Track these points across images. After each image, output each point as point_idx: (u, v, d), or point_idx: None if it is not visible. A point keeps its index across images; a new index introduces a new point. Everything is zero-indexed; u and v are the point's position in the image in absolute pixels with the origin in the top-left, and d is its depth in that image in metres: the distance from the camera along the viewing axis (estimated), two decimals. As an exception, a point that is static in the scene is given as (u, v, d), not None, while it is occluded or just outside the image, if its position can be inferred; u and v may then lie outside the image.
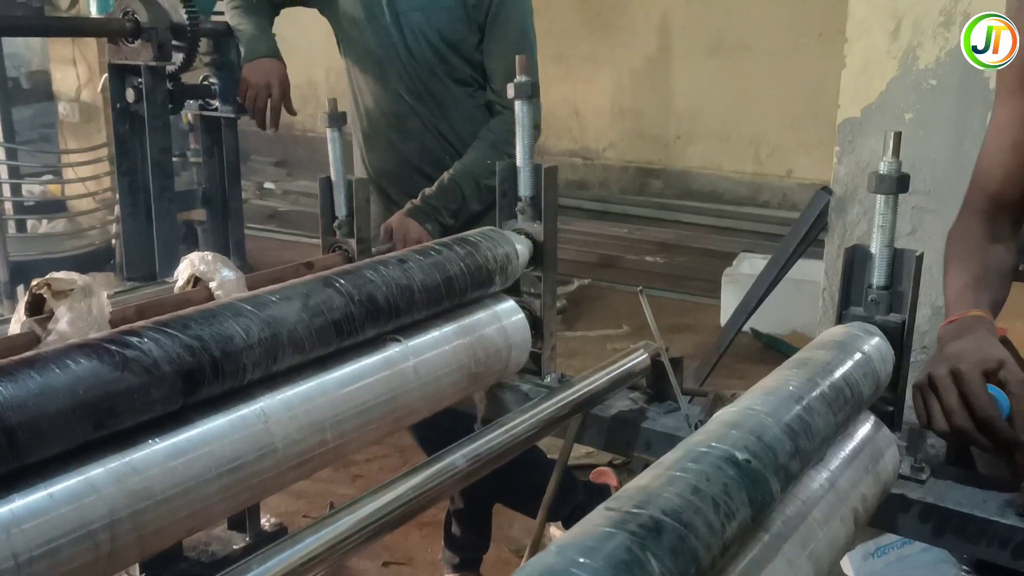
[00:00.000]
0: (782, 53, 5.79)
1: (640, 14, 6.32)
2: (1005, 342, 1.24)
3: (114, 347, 0.84)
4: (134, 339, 0.86)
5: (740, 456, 0.75)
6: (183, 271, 1.38)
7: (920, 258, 1.10)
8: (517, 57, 1.33)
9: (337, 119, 1.58)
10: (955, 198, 2.19)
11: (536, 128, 1.97)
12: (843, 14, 2.35)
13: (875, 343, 1.07)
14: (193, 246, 3.43)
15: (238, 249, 2.16)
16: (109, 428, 0.82)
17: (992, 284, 1.28)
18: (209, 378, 0.89)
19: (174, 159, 2.43)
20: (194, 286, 1.38)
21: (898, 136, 1.08)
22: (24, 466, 0.76)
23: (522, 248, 1.34)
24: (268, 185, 7.27)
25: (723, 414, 0.85)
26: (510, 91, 1.34)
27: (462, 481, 1.07)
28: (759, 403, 0.85)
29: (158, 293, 1.40)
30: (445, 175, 2.05)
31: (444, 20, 2.10)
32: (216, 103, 2.12)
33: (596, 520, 0.65)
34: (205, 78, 2.14)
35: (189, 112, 2.36)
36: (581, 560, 0.60)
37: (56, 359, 0.81)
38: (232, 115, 2.12)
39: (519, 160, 1.37)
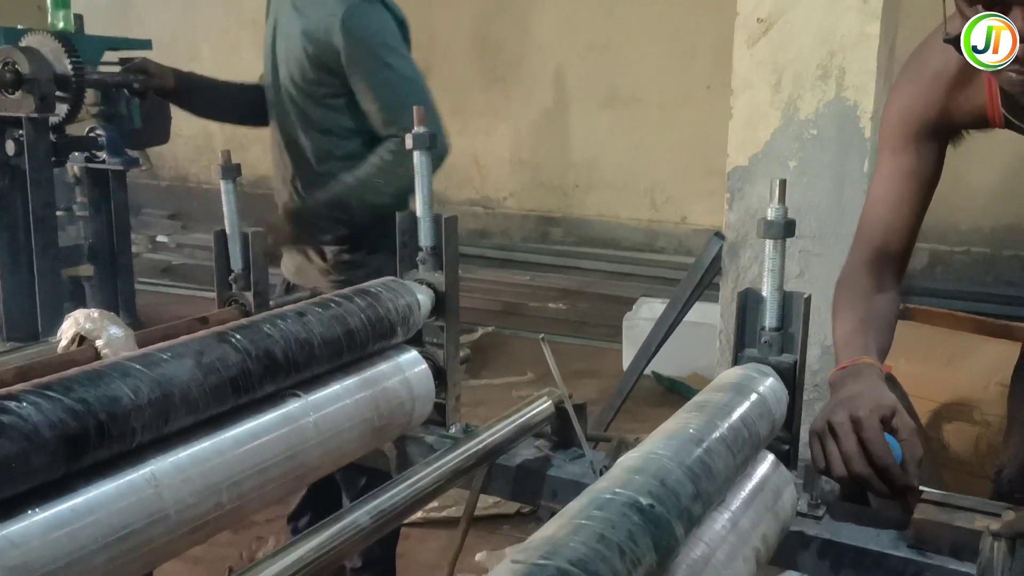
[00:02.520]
0: (673, 105, 6.00)
1: (536, 68, 6.46)
2: (891, 379, 1.30)
3: (-9, 412, 0.79)
4: (12, 404, 0.81)
5: (644, 501, 0.76)
6: (67, 330, 1.32)
7: (808, 300, 1.14)
8: (415, 108, 1.34)
9: (231, 171, 1.55)
10: (838, 242, 2.31)
11: (441, 159, 1.99)
12: (728, 68, 2.45)
13: (770, 383, 1.10)
14: (80, 303, 3.28)
15: (128, 305, 2.08)
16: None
17: (879, 331, 1.33)
18: (94, 443, 0.84)
19: (59, 213, 2.33)
20: (79, 345, 1.32)
21: (783, 183, 1.12)
22: None
23: (424, 298, 1.33)
24: (161, 238, 7.06)
25: (626, 459, 0.86)
26: (408, 142, 1.34)
27: (367, 539, 1.05)
28: (661, 447, 0.86)
29: (40, 354, 1.33)
30: (335, 185, 2.04)
31: (296, 70, 2.09)
32: (104, 155, 2.05)
33: (503, 574, 0.65)
34: (92, 129, 2.07)
35: (75, 164, 2.27)
36: (489, 616, 0.59)
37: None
38: (121, 167, 2.05)
39: (419, 211, 1.37)
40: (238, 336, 1.03)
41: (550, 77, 6.45)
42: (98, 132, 2.09)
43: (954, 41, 1.16)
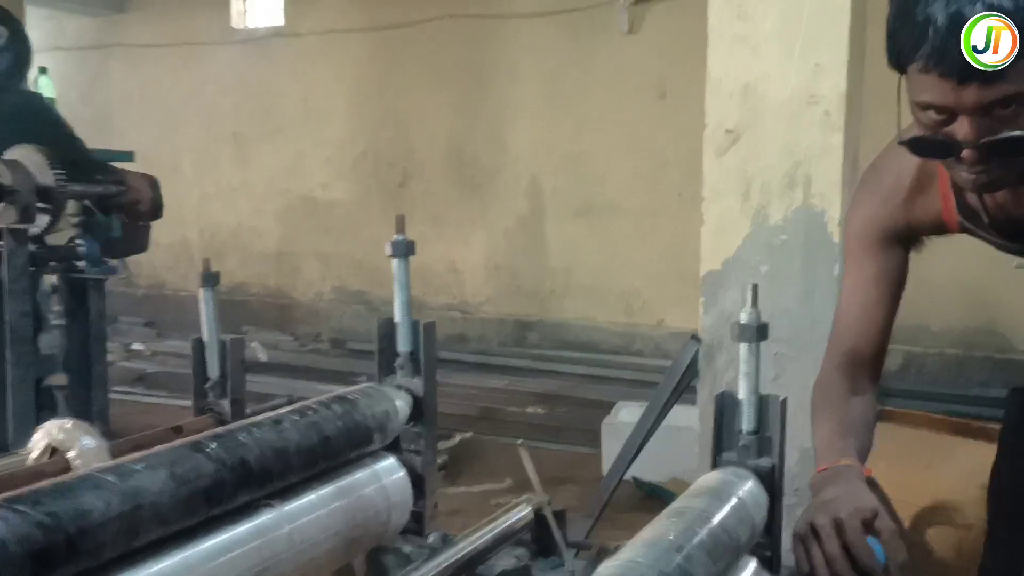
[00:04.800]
0: (645, 213, 6.13)
1: (511, 179, 6.61)
2: (872, 483, 1.30)
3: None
4: (-23, 517, 0.79)
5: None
6: (39, 441, 1.30)
7: (784, 403, 1.15)
8: (396, 217, 1.36)
9: (211, 279, 1.56)
10: (810, 345, 2.34)
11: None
12: (697, 177, 2.53)
13: (749, 487, 1.10)
14: (52, 413, 3.22)
15: (101, 415, 2.05)
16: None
17: (858, 434, 1.34)
18: (63, 558, 0.83)
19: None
20: (51, 457, 1.30)
21: (755, 288, 1.15)
22: None
23: (402, 404, 1.33)
24: (136, 346, 6.99)
25: (605, 569, 0.85)
26: (387, 249, 1.36)
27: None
28: (640, 555, 0.85)
29: (9, 466, 1.30)
30: None
31: None
32: (82, 265, 2.06)
33: None
34: (71, 239, 2.08)
35: (52, 274, 2.27)
36: None
37: None
38: (100, 276, 2.06)
39: (396, 316, 1.38)
40: (212, 445, 1.02)
41: (525, 187, 6.59)
42: (78, 242, 2.10)
43: (909, 143, 1.22)
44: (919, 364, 5.47)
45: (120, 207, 2.07)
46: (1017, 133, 1.11)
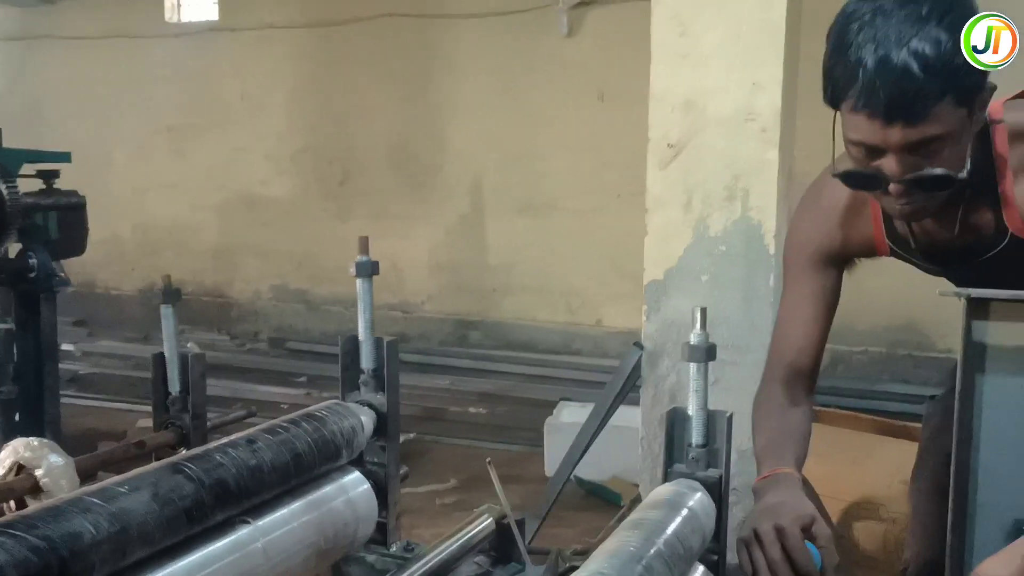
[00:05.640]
0: (586, 212, 6.23)
1: (453, 177, 6.65)
2: (804, 481, 1.40)
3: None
4: (-26, 545, 0.82)
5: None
6: (5, 459, 1.32)
7: (731, 419, 1.23)
8: (359, 239, 1.40)
9: (172, 295, 1.59)
10: (750, 352, 2.44)
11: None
12: (637, 177, 2.60)
13: (698, 498, 1.18)
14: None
15: (53, 427, 2.04)
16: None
17: (795, 443, 1.44)
18: (56, 580, 0.86)
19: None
20: (17, 474, 1.31)
21: (704, 311, 1.23)
22: None
23: (366, 419, 1.38)
24: (66, 347, 6.83)
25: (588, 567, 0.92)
26: (352, 270, 1.41)
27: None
28: (606, 566, 0.92)
29: (-26, 484, 1.31)
30: None
31: None
32: (33, 276, 2.05)
33: None
34: (23, 251, 2.07)
35: (-1, 285, 2.25)
36: None
37: None
38: (52, 288, 2.05)
39: (361, 334, 1.42)
40: (191, 466, 1.06)
41: (467, 185, 6.63)
42: (29, 254, 2.09)
43: (842, 176, 1.31)
44: (846, 361, 5.69)
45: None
46: (938, 171, 1.21)
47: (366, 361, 1.41)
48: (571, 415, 4.25)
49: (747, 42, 2.44)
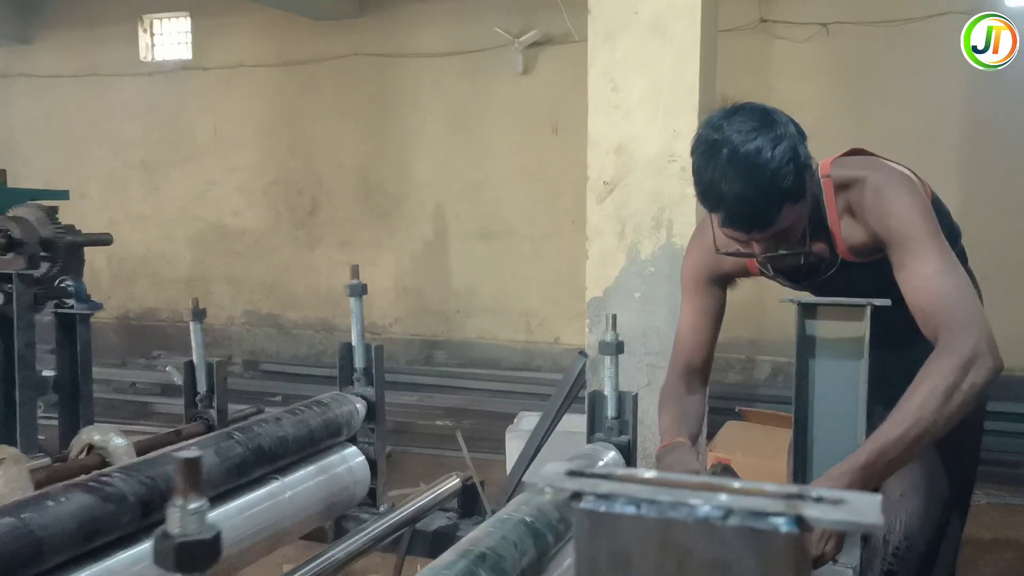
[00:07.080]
0: (542, 237, 6.66)
1: (416, 206, 7.04)
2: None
3: (95, 484, 1.19)
4: (105, 479, 1.21)
5: (527, 519, 1.22)
6: (78, 443, 1.69)
7: (636, 397, 1.65)
8: (351, 266, 1.81)
9: (199, 314, 1.97)
10: (674, 357, 2.87)
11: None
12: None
13: (612, 456, 1.59)
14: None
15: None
16: (98, 541, 1.15)
17: (689, 422, 1.83)
18: (157, 505, 1.25)
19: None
20: (87, 454, 1.69)
21: (614, 317, 1.65)
22: None
23: (360, 407, 1.77)
24: (47, 373, 7.06)
25: (513, 502, 1.32)
26: (346, 291, 1.81)
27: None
28: (535, 499, 1.33)
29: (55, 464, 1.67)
30: None
31: None
32: (72, 302, 2.41)
33: (447, 555, 1.09)
34: (61, 280, 2.43)
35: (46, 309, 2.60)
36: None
37: (55, 495, 1.15)
38: (87, 312, 2.41)
39: (353, 340, 1.82)
40: (238, 435, 1.45)
41: (430, 213, 7.03)
42: (67, 283, 2.45)
43: (724, 253, 1.69)
44: (786, 372, 6.16)
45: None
46: (783, 252, 1.62)
47: (358, 361, 1.81)
48: (530, 423, 4.63)
49: (668, 95, 2.89)
